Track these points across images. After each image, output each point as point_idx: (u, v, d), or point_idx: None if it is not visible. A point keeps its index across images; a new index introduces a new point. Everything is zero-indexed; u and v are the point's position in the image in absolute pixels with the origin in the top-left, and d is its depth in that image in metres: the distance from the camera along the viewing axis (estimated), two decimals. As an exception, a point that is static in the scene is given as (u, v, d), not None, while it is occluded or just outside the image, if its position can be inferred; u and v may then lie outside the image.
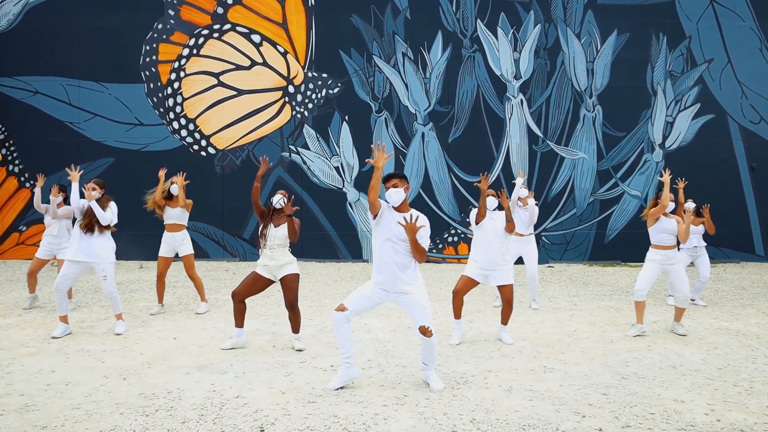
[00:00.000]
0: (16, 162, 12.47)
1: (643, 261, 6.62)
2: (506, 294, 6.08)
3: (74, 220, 6.50)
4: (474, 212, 6.13)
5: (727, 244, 12.65)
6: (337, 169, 12.52)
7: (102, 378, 4.98)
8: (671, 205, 7.93)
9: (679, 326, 6.48)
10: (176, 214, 7.38)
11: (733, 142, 12.77)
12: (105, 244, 6.31)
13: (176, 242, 7.37)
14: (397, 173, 4.67)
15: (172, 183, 7.39)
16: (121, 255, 7.14)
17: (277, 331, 6.51)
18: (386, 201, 4.64)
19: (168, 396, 4.55)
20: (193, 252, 7.53)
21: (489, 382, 4.91)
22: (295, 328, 5.88)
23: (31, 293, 7.65)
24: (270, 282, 5.78)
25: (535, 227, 12.52)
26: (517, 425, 4.03)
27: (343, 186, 12.51)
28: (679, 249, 7.31)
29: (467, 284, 6.11)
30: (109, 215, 6.26)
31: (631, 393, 4.65)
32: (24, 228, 12.44)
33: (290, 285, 5.72)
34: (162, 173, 7.48)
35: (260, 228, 5.82)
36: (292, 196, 5.77)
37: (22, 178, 12.46)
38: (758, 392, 4.71)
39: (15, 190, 12.46)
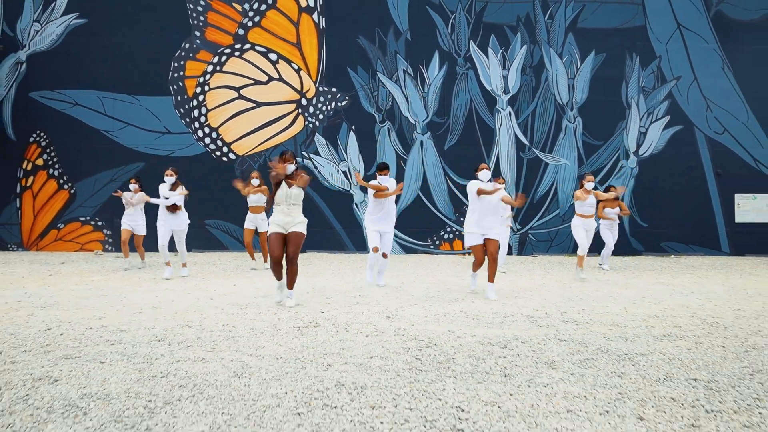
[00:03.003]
0: (56, 166, 15.03)
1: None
2: (492, 248, 7.82)
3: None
4: (475, 185, 8.08)
5: (696, 242, 15.31)
6: (344, 173, 15.15)
7: (194, 299, 7.51)
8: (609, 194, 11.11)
9: (580, 271, 9.61)
10: (256, 198, 10.70)
11: (700, 151, 15.50)
12: (182, 217, 9.66)
13: (257, 220, 10.80)
14: (386, 165, 8.78)
15: (252, 177, 10.80)
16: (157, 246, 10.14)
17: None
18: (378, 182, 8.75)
19: (249, 305, 7.07)
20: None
21: (474, 301, 7.48)
22: (290, 283, 7.04)
23: (126, 258, 10.94)
24: (285, 236, 6.92)
25: (522, 225, 15.16)
26: (490, 310, 6.60)
27: (350, 188, 15.11)
28: (598, 223, 10.60)
29: (481, 251, 7.92)
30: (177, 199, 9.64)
31: (573, 305, 7.23)
32: (62, 226, 14.95)
33: (294, 240, 6.85)
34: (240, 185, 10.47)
35: (272, 191, 7.01)
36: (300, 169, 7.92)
37: (61, 181, 15.01)
38: (662, 304, 7.30)
39: (54, 191, 15.00)
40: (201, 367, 4.27)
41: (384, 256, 8.92)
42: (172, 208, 9.72)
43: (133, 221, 10.91)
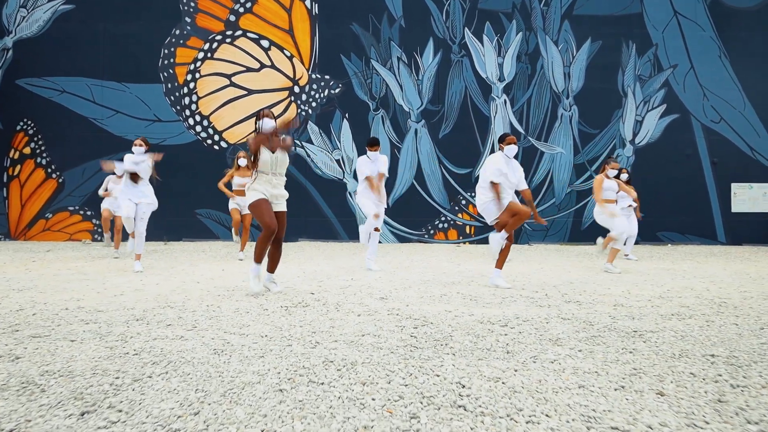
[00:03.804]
0: (44, 155, 14.60)
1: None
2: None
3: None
4: (492, 165, 6.86)
5: (692, 231, 15.00)
6: (338, 161, 14.77)
7: (180, 282, 7.12)
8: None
9: (612, 267, 8.62)
10: (242, 182, 10.07)
11: (696, 140, 15.19)
12: (149, 192, 8.63)
13: (243, 202, 10.06)
14: (377, 140, 8.45)
15: (239, 157, 10.11)
16: (147, 235, 9.16)
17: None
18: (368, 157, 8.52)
19: (236, 288, 6.70)
20: None
21: (471, 284, 7.12)
22: (273, 266, 6.35)
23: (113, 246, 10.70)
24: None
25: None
26: (488, 291, 6.24)
27: (344, 177, 14.74)
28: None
29: (507, 215, 6.75)
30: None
31: (573, 287, 6.88)
32: (50, 215, 14.52)
33: (282, 222, 6.16)
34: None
35: (253, 157, 6.08)
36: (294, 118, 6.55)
37: (49, 170, 14.58)
38: (666, 286, 6.96)
39: (42, 180, 14.57)
40: (178, 345, 3.90)
41: (376, 229, 8.63)
42: (136, 177, 8.51)
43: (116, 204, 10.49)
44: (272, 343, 3.99)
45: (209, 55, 14.70)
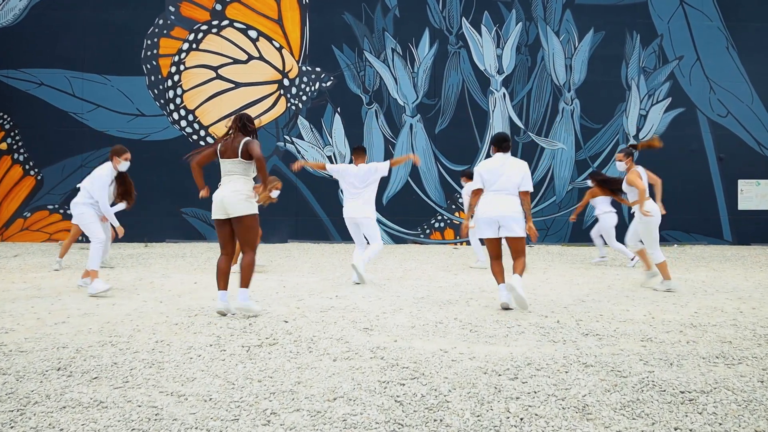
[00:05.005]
0: (21, 151, 13.51)
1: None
2: (516, 246, 5.69)
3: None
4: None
5: (697, 230, 13.99)
6: (329, 158, 13.70)
7: (141, 302, 6.08)
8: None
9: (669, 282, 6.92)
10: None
11: (702, 134, 14.15)
12: None
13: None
14: (363, 147, 7.68)
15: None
16: (127, 237, 7.85)
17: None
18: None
19: (200, 311, 5.66)
20: None
21: (469, 304, 6.08)
22: (243, 280, 5.30)
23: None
24: (230, 222, 5.42)
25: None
26: (491, 318, 5.20)
27: (336, 174, 13.65)
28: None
29: (494, 246, 5.79)
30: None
31: (587, 308, 5.84)
32: (28, 214, 13.45)
33: (242, 226, 5.31)
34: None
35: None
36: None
37: (27, 166, 13.49)
38: (690, 306, 5.92)
39: (20, 177, 13.49)
40: (88, 421, 2.86)
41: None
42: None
43: None
44: (214, 413, 2.96)
45: (194, 46, 13.59)
